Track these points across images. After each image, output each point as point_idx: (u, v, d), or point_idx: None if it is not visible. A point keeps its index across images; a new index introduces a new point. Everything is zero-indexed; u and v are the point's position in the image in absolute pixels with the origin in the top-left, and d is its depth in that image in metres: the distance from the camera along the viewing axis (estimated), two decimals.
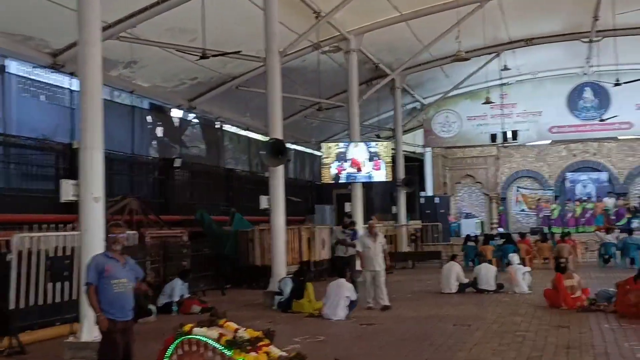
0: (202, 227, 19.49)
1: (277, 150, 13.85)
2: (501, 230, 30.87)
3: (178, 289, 13.54)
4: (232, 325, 5.45)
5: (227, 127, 25.07)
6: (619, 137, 31.19)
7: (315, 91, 22.08)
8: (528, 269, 15.60)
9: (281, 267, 14.23)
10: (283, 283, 13.69)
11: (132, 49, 16.06)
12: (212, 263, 18.12)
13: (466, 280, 15.55)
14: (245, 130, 25.90)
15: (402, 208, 25.30)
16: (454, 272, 15.47)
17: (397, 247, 24.74)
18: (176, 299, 13.40)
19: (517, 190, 33.55)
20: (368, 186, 29.58)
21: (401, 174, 25.34)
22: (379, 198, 30.14)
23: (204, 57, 13.74)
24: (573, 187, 32.18)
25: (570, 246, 21.80)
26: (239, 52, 14.67)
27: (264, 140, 16.82)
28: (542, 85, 30.02)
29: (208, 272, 17.43)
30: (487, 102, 25.50)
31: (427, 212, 27.73)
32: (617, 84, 23.29)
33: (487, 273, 15.35)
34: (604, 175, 31.92)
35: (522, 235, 23.22)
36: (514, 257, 15.64)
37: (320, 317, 11.98)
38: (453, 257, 16.17)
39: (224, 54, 14.68)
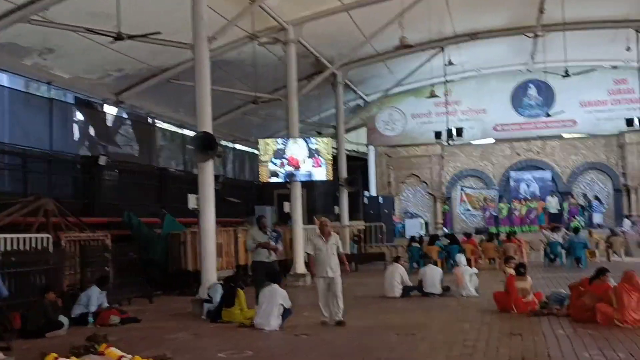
0: (131, 229, 18.18)
1: (206, 144, 12.66)
2: (446, 230, 30.25)
3: (95, 298, 12.18)
4: (115, 352, 4.32)
5: (161, 124, 23.74)
6: (563, 136, 30.96)
7: (254, 86, 20.97)
8: (475, 270, 14.79)
9: (211, 272, 13.04)
10: (213, 290, 12.52)
11: (47, 34, 14.66)
12: (140, 269, 16.84)
13: (411, 283, 14.66)
14: (179, 127, 24.56)
15: (344, 208, 24.37)
16: (397, 275, 14.55)
17: None
18: (93, 309, 12.05)
19: (462, 190, 33.00)
20: (310, 186, 28.66)
21: (343, 173, 24.40)
22: (321, 198, 29.24)
23: (118, 38, 12.46)
24: (517, 186, 31.80)
25: (516, 245, 21.23)
26: (158, 32, 13.40)
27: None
28: (486, 82, 29.55)
29: (135, 278, 16.12)
30: (432, 95, 24.80)
31: (370, 212, 26.89)
32: (565, 75, 22.74)
33: (433, 275, 14.48)
34: (547, 174, 31.62)
35: (468, 235, 22.55)
36: (461, 258, 14.81)
37: (252, 327, 10.87)
38: (396, 259, 15.23)
39: (141, 36, 13.39)
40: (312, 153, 18.96)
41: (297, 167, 18.82)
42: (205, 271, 13.05)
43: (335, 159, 22.40)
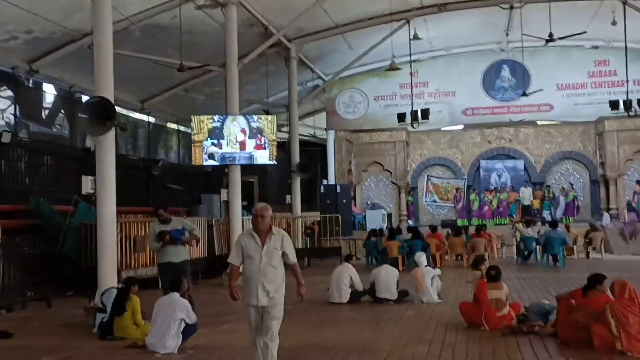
0: (40, 218, 15.47)
1: (102, 113, 10.01)
2: (410, 223, 27.90)
3: None
4: None
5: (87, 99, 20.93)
6: (538, 123, 28.78)
7: (193, 57, 18.28)
8: (438, 272, 12.31)
9: (109, 273, 10.41)
10: (107, 296, 9.91)
11: None
12: (38, 266, 14.18)
13: (362, 287, 12.22)
14: None
15: (296, 197, 21.86)
16: (346, 277, 12.07)
17: None
18: None
19: (428, 180, 30.67)
20: (262, 173, 26.17)
21: (296, 158, 21.83)
22: (274, 187, 26.75)
23: None
24: (488, 175, 29.53)
25: (486, 240, 18.94)
26: None
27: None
28: (456, 62, 27.19)
29: (32, 278, 13.44)
30: (392, 68, 22.30)
31: (327, 202, 24.36)
32: (549, 40, 20.22)
33: (388, 277, 12.02)
34: (520, 164, 29.43)
35: (433, 228, 20.17)
36: (421, 258, 12.32)
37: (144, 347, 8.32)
38: (347, 258, 12.70)
39: None
40: (255, 132, 16.39)
41: (243, 148, 16.29)
42: (101, 271, 10.41)
43: (283, 144, 19.80)
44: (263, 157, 16.54)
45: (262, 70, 22.55)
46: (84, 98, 20.29)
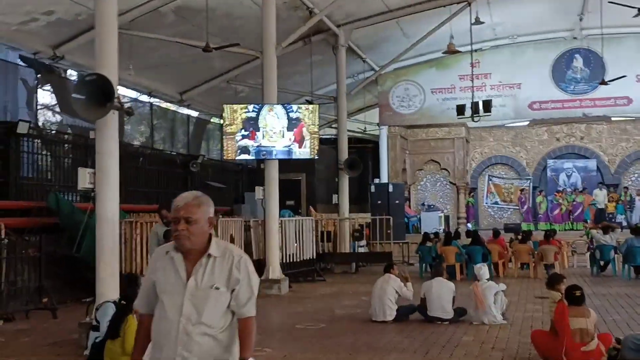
0: (59, 216, 14.06)
1: (99, 92, 8.39)
2: (469, 226, 25.77)
3: None
4: None
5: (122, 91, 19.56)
6: (612, 119, 26.23)
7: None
8: (502, 287, 10.27)
9: (109, 284, 8.77)
10: (102, 311, 8.26)
11: None
12: (56, 269, 12.79)
13: (410, 299, 10.32)
14: (146, 94, 20.36)
15: (344, 197, 19.97)
16: (390, 291, 10.18)
17: (337, 246, 19.49)
18: None
19: (490, 180, 28.47)
20: (309, 171, 24.42)
21: (344, 155, 19.98)
22: (323, 186, 24.97)
23: None
24: (555, 176, 27.16)
25: (556, 248, 16.73)
26: None
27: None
28: (522, 52, 24.85)
29: (37, 283, 11.98)
30: (451, 51, 20.21)
31: (378, 203, 22.46)
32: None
33: (441, 293, 10.09)
34: (592, 164, 26.95)
35: (496, 233, 18.04)
36: (482, 270, 10.30)
37: None
38: (388, 268, 10.72)
39: None
40: (294, 124, 14.64)
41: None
42: (98, 281, 8.79)
43: (323, 142, 17.98)
44: (303, 152, 14.77)
45: (309, 61, 20.84)
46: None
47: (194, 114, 24.27)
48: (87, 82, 8.47)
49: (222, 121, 23.33)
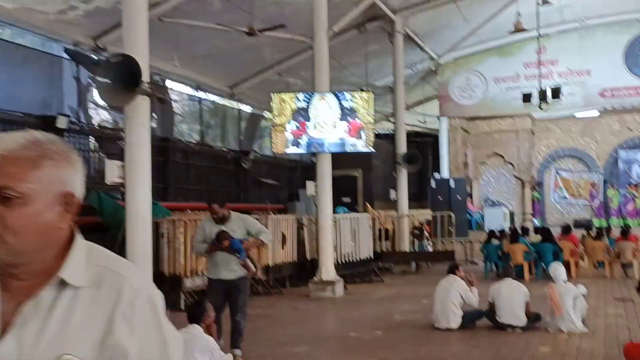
0: (102, 216, 13.44)
1: (127, 76, 7.61)
2: (536, 222, 24.33)
3: None
4: None
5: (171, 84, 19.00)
6: None
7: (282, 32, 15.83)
8: (582, 290, 9.09)
9: None
10: None
11: None
12: None
13: (475, 304, 9.24)
14: (196, 89, 19.72)
15: (403, 192, 18.88)
16: (454, 294, 9.11)
17: (395, 245, 18.43)
18: None
19: (557, 173, 26.90)
20: (366, 166, 23.42)
21: (402, 148, 18.91)
22: (381, 182, 23.94)
23: None
24: (628, 168, 25.44)
25: (634, 245, 15.32)
26: None
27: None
28: (592, 35, 23.23)
29: None
30: (518, 29, 18.84)
31: (439, 199, 21.32)
32: None
33: (512, 297, 8.98)
34: None
35: (566, 229, 16.68)
36: (558, 271, 9.12)
37: None
38: (453, 269, 9.62)
39: None
40: (346, 114, 13.67)
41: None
42: None
43: (379, 136, 16.92)
44: (357, 144, 13.78)
45: (364, 51, 19.86)
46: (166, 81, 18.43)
47: (247, 109, 23.56)
48: (113, 64, 7.70)
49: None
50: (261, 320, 10.39)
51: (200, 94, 20.31)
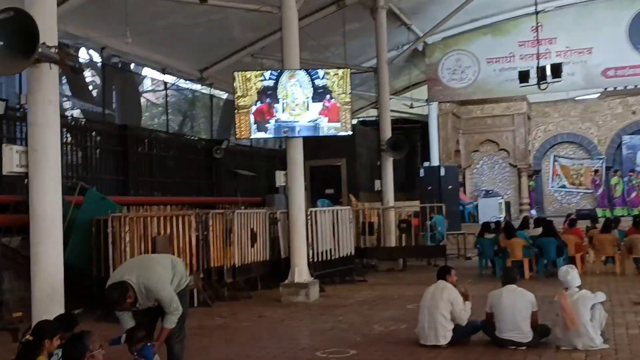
0: None
1: (22, 38, 5.89)
2: (533, 213, 22.73)
3: None
4: None
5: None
6: None
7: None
8: (602, 297, 7.39)
9: (46, 293, 6.25)
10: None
11: None
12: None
13: (467, 315, 7.55)
14: (161, 71, 17.97)
15: (388, 182, 17.23)
16: (443, 305, 7.43)
17: (381, 240, 16.77)
18: None
19: (555, 160, 25.33)
20: (350, 155, 21.74)
21: (387, 134, 17.24)
22: (367, 172, 22.29)
23: None
24: (632, 154, 23.84)
25: None
26: None
27: None
28: (591, 10, 21.50)
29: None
30: None
31: (428, 189, 19.67)
32: None
33: (515, 305, 7.31)
34: None
35: (572, 222, 15.06)
36: (571, 275, 7.39)
37: None
38: (444, 273, 7.88)
39: None
40: (320, 93, 11.97)
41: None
42: (35, 291, 6.31)
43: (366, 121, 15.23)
44: (332, 127, 12.06)
45: (346, 29, 18.17)
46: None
47: (221, 94, 21.82)
48: (3, 22, 5.95)
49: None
50: (215, 335, 8.73)
51: (167, 78, 18.58)
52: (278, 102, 11.81)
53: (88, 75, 18.57)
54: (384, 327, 8.75)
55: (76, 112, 17.71)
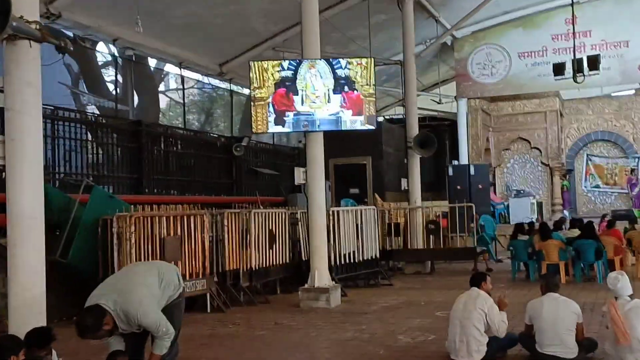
0: (51, 212, 11.06)
1: None
2: (566, 213, 21.77)
3: None
4: None
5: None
6: None
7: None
8: None
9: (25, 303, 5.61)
10: None
11: None
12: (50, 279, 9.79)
13: (503, 328, 6.74)
14: (177, 66, 17.35)
15: (415, 181, 16.41)
16: (476, 316, 6.63)
17: (408, 242, 15.97)
18: None
19: (589, 160, 24.31)
20: (376, 154, 20.98)
21: (414, 130, 16.43)
22: (394, 171, 21.49)
23: None
24: None
25: None
26: None
27: None
28: (629, 2, 20.52)
29: None
30: None
31: (457, 188, 18.83)
32: None
33: (558, 316, 6.48)
34: None
35: (610, 222, 14.14)
36: (621, 283, 6.53)
37: None
38: (478, 279, 7.04)
39: None
40: (342, 84, 11.22)
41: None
42: (11, 296, 5.65)
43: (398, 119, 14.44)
44: (355, 120, 11.30)
45: (372, 21, 17.41)
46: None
47: (244, 91, 21.16)
48: None
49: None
50: (224, 345, 8.01)
51: (186, 73, 17.96)
52: (297, 94, 11.07)
53: (107, 72, 18.09)
54: (410, 338, 7.97)
55: (92, 109, 17.27)
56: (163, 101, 24.45)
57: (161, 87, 23.47)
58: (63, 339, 5.72)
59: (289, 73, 11.09)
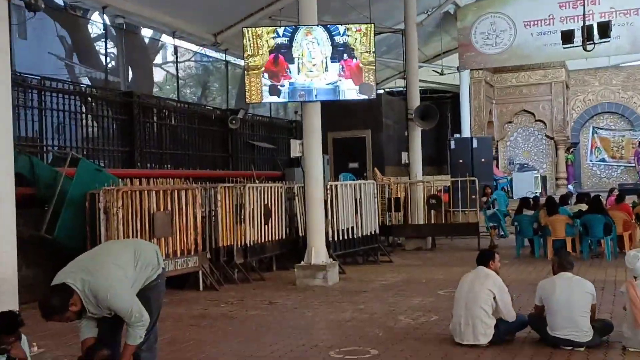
0: (36, 185, 10.57)
1: None
2: (570, 188, 21.26)
3: None
4: None
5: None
6: None
7: None
8: None
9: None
10: None
11: None
12: (30, 256, 9.34)
13: (513, 313, 6.26)
14: (170, 35, 16.73)
15: (416, 155, 15.90)
16: (483, 296, 6.15)
17: (408, 217, 15.50)
18: None
19: (595, 132, 23.75)
20: (376, 126, 20.48)
21: (415, 102, 15.86)
22: (394, 144, 20.98)
23: None
24: None
25: None
26: None
27: None
28: None
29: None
30: None
31: (459, 162, 18.30)
32: None
33: (571, 297, 6.00)
34: None
35: (619, 197, 13.65)
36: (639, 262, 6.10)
37: None
38: (485, 257, 6.47)
39: None
40: (340, 52, 10.65)
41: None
42: None
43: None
44: (354, 89, 10.75)
45: None
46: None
47: (239, 62, 20.57)
48: None
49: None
50: (215, 326, 7.55)
51: (180, 44, 17.35)
52: (293, 63, 10.51)
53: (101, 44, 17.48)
54: (411, 319, 7.50)
55: (86, 82, 16.71)
56: (160, 75, 23.89)
57: (158, 60, 22.90)
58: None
59: (284, 40, 10.52)
